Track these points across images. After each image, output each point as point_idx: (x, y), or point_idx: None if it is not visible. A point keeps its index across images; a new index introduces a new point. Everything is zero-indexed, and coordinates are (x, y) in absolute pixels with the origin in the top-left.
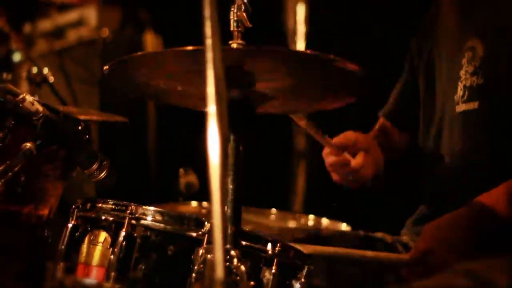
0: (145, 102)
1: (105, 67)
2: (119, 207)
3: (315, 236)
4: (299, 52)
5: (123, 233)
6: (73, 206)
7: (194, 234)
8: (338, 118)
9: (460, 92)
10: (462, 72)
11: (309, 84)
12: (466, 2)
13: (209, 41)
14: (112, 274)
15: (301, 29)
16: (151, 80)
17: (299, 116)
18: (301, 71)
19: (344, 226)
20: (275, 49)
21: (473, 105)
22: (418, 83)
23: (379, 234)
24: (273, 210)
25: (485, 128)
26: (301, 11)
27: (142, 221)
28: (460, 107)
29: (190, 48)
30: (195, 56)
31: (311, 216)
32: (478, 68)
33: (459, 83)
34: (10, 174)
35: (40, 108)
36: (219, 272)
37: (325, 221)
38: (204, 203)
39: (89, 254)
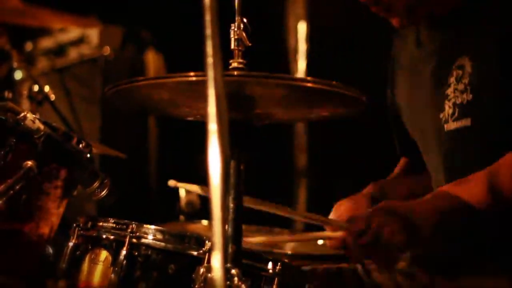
0: (147, 120)
1: (107, 89)
2: (120, 226)
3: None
4: (300, 80)
5: (124, 252)
6: (74, 225)
7: (195, 253)
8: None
9: (449, 110)
10: (449, 91)
11: (310, 108)
12: (450, 25)
13: (210, 60)
14: None
15: (302, 47)
16: (153, 95)
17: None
18: (303, 98)
19: None
20: (276, 77)
21: (466, 122)
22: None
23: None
24: (285, 230)
25: (480, 145)
26: (302, 29)
27: (143, 240)
28: (451, 125)
29: (192, 74)
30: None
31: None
32: (467, 85)
33: (447, 102)
34: (11, 192)
35: (41, 127)
36: None
37: None
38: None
39: (90, 273)
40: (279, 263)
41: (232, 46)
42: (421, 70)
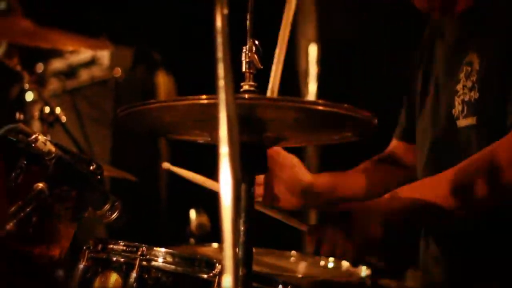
0: (158, 143)
1: (119, 111)
2: (130, 248)
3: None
4: (311, 103)
5: (134, 275)
6: (84, 247)
7: (205, 276)
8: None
9: (459, 107)
10: (459, 87)
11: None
12: (467, 20)
13: (221, 82)
14: None
15: (313, 69)
16: (164, 117)
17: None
18: (314, 121)
19: (364, 270)
20: (287, 100)
21: (472, 120)
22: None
23: (385, 281)
24: (293, 252)
25: (483, 144)
26: (313, 51)
27: (153, 263)
28: (461, 122)
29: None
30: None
31: (331, 259)
32: (475, 83)
33: (457, 98)
34: (22, 214)
35: (53, 148)
36: None
37: (345, 264)
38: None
39: None
40: (289, 286)
41: (244, 69)
42: (438, 61)
